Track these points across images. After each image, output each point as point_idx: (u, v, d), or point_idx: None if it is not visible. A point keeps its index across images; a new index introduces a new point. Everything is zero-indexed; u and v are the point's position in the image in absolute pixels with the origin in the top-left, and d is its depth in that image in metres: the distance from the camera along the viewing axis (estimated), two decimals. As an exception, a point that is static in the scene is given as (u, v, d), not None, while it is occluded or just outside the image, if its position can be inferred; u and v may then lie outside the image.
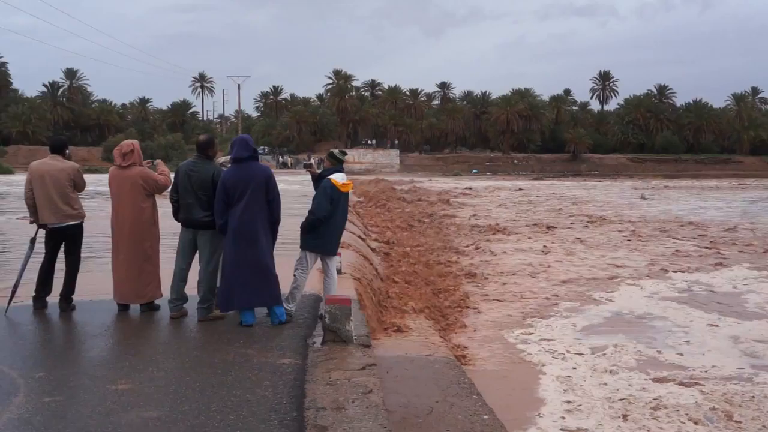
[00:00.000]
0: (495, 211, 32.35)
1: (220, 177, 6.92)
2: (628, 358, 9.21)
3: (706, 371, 8.53)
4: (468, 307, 12.30)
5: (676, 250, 19.28)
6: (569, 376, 8.31)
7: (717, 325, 10.80)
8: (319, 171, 7.48)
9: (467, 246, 20.34)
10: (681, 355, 9.25)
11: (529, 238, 22.33)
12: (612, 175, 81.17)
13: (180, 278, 7.12)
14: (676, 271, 15.88)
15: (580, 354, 9.38)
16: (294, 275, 7.10)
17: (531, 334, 10.51)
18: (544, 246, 20.27)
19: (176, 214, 7.15)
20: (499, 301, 12.94)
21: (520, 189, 50.88)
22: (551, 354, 9.34)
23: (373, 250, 16.04)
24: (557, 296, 13.37)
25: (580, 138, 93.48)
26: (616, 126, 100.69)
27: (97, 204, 21.57)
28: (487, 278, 15.23)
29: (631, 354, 9.36)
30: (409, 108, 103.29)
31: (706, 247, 19.87)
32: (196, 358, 5.80)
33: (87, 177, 8.30)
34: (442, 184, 56.46)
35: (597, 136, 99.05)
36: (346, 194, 7.30)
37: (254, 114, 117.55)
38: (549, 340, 10.15)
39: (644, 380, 8.20)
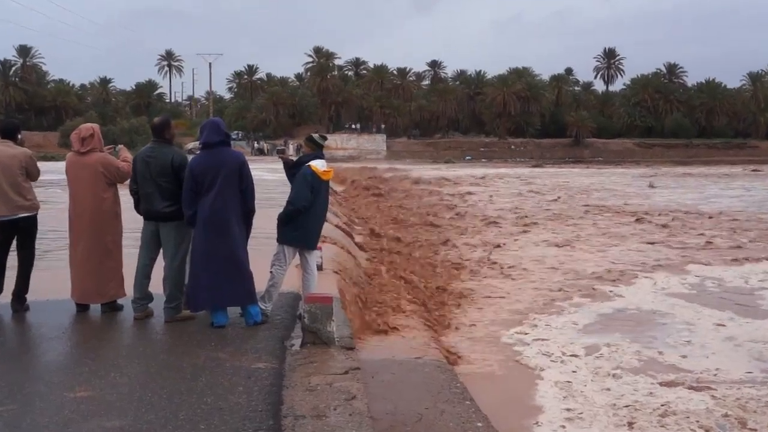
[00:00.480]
0: (497, 201, 32.43)
1: (181, 162, 6.90)
2: (633, 360, 9.28)
3: (714, 374, 8.61)
4: (462, 305, 12.34)
5: (688, 242, 19.44)
6: (569, 381, 8.36)
7: (724, 325, 10.91)
8: (295, 157, 7.48)
9: (462, 238, 20.39)
10: (685, 357, 9.33)
11: (526, 230, 22.42)
12: (617, 162, 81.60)
13: (143, 275, 7.09)
14: (688, 266, 16.04)
15: (580, 356, 9.44)
16: (270, 272, 7.10)
17: (529, 333, 10.56)
18: (546, 240, 20.37)
19: (138, 206, 7.12)
20: (497, 297, 12.99)
21: (520, 177, 51.03)
22: (550, 356, 9.39)
23: (357, 244, 16.04)
24: (560, 291, 13.48)
25: (583, 121, 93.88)
26: (622, 108, 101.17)
27: (53, 194, 21.43)
28: (485, 274, 15.31)
29: (635, 355, 9.44)
30: (397, 89, 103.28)
31: (721, 240, 20.05)
32: (162, 363, 5.79)
33: (42, 165, 8.25)
34: (434, 172, 56.52)
35: (601, 119, 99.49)
36: (327, 183, 7.30)
37: (227, 95, 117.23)
38: (548, 340, 10.20)
39: (651, 384, 8.26)
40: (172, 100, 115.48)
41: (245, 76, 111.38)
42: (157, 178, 6.91)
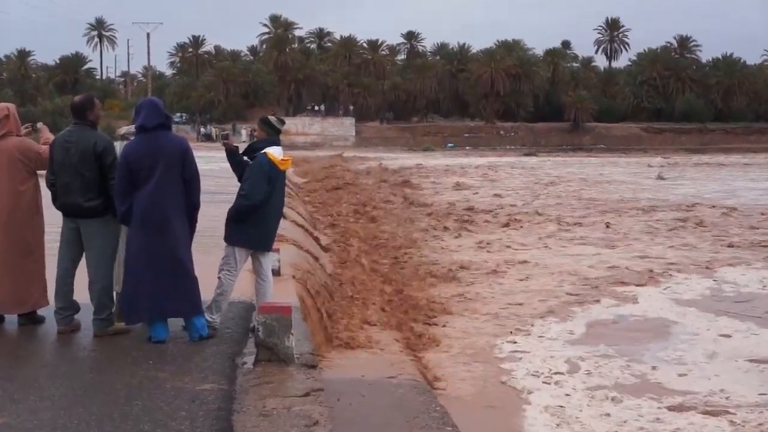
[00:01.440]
0: (488, 194, 32.58)
1: (105, 147, 6.84)
2: (634, 378, 9.40)
3: (726, 397, 8.72)
4: (444, 314, 12.41)
5: (701, 242, 19.70)
6: (562, 406, 8.44)
7: (730, 335, 11.12)
8: (243, 142, 7.46)
9: (441, 235, 20.47)
10: (685, 375, 9.46)
11: (519, 227, 22.57)
12: (622, 149, 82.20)
13: (65, 281, 7.02)
14: (710, 268, 16.38)
15: (574, 374, 9.53)
16: (218, 278, 7.07)
17: (519, 347, 10.65)
18: (545, 237, 20.52)
19: (55, 201, 7.05)
20: (485, 305, 13.07)
21: (513, 167, 51.28)
22: (540, 376, 9.47)
23: (321, 245, 16.05)
24: (557, 299, 13.62)
25: (583, 102, 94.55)
26: (627, 87, 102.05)
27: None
28: (472, 278, 15.43)
29: (637, 373, 9.57)
30: (368, 65, 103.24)
31: (744, 238, 20.37)
32: (91, 384, 5.74)
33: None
34: (412, 161, 56.63)
35: (603, 100, 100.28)
36: (284, 174, 7.28)
37: (168, 72, 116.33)
38: (539, 355, 10.29)
39: (657, 409, 8.37)
40: (104, 77, 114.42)
41: (190, 49, 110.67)
42: (77, 166, 6.85)
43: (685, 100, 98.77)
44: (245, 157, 7.25)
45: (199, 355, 6.40)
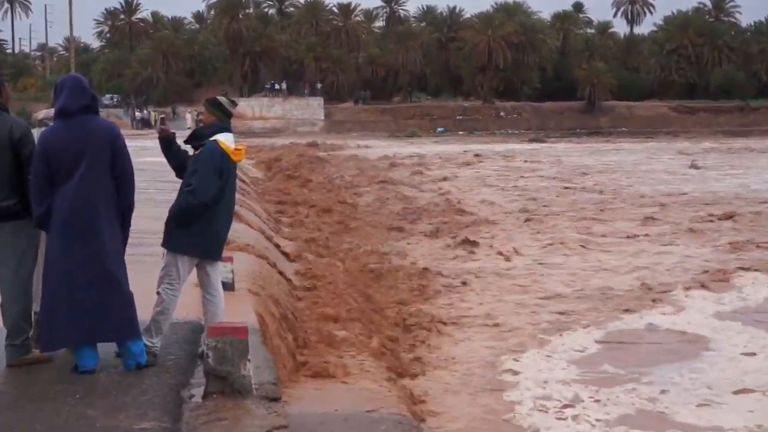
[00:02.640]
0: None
1: (23, 134, 6.80)
2: (656, 411, 9.50)
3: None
4: (434, 334, 12.46)
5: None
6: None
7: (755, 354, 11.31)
8: (189, 129, 7.46)
9: (433, 242, 20.53)
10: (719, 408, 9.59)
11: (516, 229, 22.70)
12: (648, 133, 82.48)
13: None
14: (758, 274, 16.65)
15: (589, 408, 9.60)
16: (157, 293, 7.04)
17: (524, 372, 10.68)
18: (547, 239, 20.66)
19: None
20: (482, 320, 13.14)
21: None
22: (550, 410, 9.51)
23: (285, 252, 16.04)
24: (573, 312, 13.89)
25: (599, 77, 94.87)
26: (653, 58, 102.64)
27: None
28: (467, 290, 15.57)
29: (670, 408, 9.65)
30: (338, 33, 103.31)
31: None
32: (5, 424, 5.72)
33: None
34: (391, 150, 56.67)
35: (624, 73, 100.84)
36: (236, 166, 7.27)
37: (95, 44, 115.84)
38: (548, 382, 10.34)
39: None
40: (17, 50, 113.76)
41: (121, 17, 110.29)
42: (-14, 159, 6.81)
43: (722, 73, 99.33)
44: (189, 147, 7.24)
45: (137, 388, 6.38)
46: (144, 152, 22.45)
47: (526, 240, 21.15)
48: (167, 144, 7.33)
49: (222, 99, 7.39)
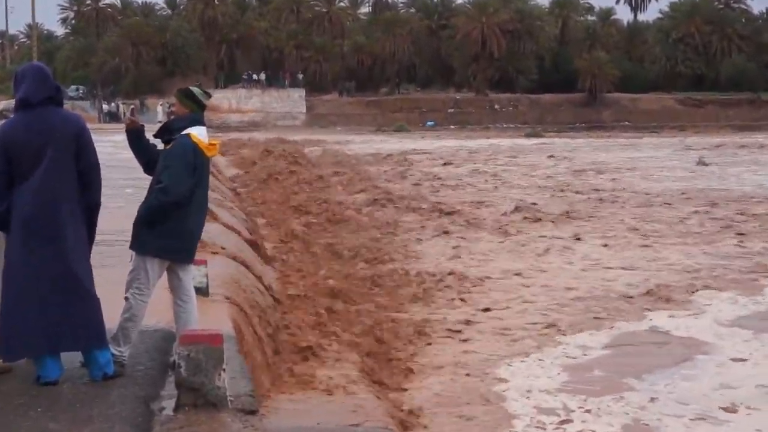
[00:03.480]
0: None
1: None
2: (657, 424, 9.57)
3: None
4: (423, 340, 12.49)
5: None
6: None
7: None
8: (160, 122, 7.45)
9: (423, 243, 20.56)
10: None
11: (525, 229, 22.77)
12: (653, 128, 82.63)
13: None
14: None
15: (589, 419, 9.63)
16: (125, 298, 7.04)
17: (509, 381, 10.72)
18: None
19: None
20: (476, 326, 13.19)
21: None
22: (549, 427, 9.53)
23: (263, 256, 16.03)
24: (580, 312, 14.25)
25: (601, 67, 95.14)
26: (658, 47, 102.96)
27: None
28: (466, 292, 15.79)
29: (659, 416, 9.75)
30: (321, 20, 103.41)
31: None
32: (-39, 440, 5.71)
33: None
34: (376, 146, 56.71)
35: (627, 64, 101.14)
36: (209, 162, 7.27)
37: (60, 31, 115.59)
38: (551, 393, 10.38)
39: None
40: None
41: (87, 2, 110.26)
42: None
43: (732, 64, 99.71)
44: (159, 141, 7.23)
45: (104, 400, 6.37)
46: (114, 147, 22.37)
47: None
48: (135, 137, 7.31)
49: (195, 90, 7.38)
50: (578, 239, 21.44)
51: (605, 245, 20.59)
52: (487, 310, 14.69)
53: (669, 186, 33.34)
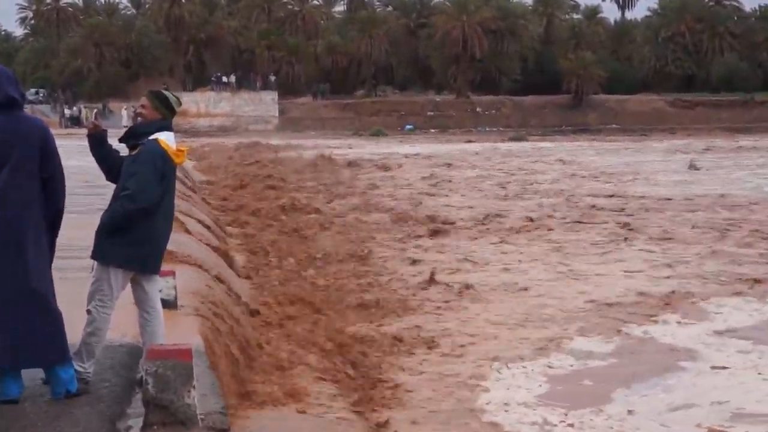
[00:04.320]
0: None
1: None
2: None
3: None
4: (405, 353, 12.52)
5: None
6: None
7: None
8: (125, 127, 7.45)
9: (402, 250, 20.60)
10: None
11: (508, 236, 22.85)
12: (640, 130, 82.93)
13: None
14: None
15: (565, 426, 9.71)
16: (87, 311, 7.01)
17: (509, 401, 10.74)
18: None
19: None
20: (463, 338, 13.23)
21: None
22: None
23: (235, 267, 16.02)
24: (574, 322, 14.26)
25: (587, 67, 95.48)
26: (647, 47, 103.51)
27: None
28: (446, 304, 15.90)
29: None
30: (294, 19, 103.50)
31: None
32: None
33: None
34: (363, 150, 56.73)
35: (615, 64, 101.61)
36: (175, 169, 7.27)
37: (17, 32, 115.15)
38: (537, 408, 10.42)
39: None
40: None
41: (47, 1, 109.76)
42: None
43: (723, 63, 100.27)
44: (123, 145, 7.21)
45: (67, 419, 6.34)
46: (75, 152, 22.29)
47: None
48: (98, 143, 7.28)
49: (169, 95, 7.37)
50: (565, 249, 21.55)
51: (606, 252, 20.83)
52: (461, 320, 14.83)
53: (662, 191, 33.53)
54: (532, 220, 25.99)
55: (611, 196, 32.37)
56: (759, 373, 11.89)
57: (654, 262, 19.63)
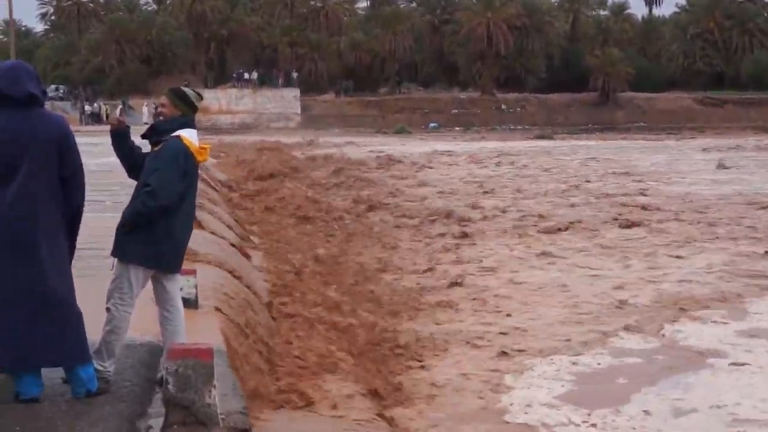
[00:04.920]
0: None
1: None
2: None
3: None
4: (431, 354, 12.50)
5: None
6: None
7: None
8: (146, 124, 7.45)
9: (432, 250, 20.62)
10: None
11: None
12: (669, 129, 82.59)
13: None
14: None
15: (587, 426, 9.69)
16: (108, 309, 7.01)
17: (535, 402, 10.71)
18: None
19: None
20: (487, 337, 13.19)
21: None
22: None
23: (257, 266, 16.02)
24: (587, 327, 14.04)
25: (614, 65, 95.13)
26: (675, 44, 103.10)
27: None
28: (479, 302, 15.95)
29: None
30: (317, 16, 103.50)
31: None
32: (-66, 462, 5.70)
33: None
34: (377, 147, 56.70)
35: (642, 61, 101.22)
36: (198, 167, 7.28)
37: (39, 27, 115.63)
38: (556, 406, 10.40)
39: None
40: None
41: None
42: None
43: (753, 60, 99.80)
44: (147, 142, 7.22)
45: (86, 418, 6.35)
46: (95, 150, 22.39)
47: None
48: (121, 139, 7.30)
49: (188, 90, 7.38)
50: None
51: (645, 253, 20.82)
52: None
53: (696, 190, 33.39)
54: (580, 221, 25.93)
55: (644, 193, 32.33)
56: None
57: (698, 261, 19.59)
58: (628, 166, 44.33)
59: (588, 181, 37.30)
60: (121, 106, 8.34)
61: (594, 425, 9.98)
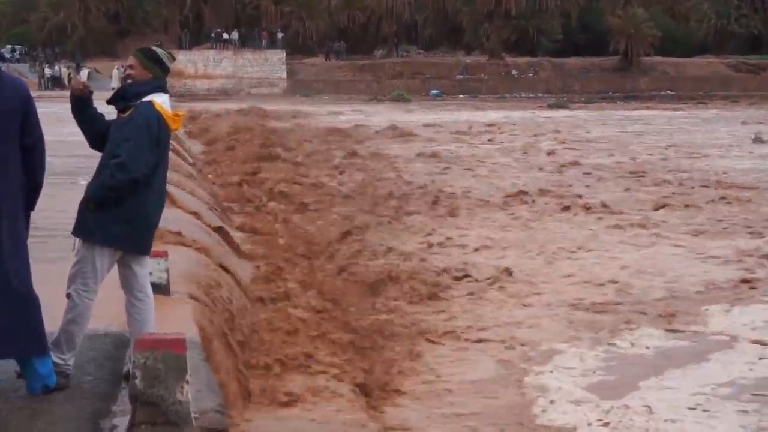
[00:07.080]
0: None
1: None
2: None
3: None
4: (426, 347, 12.52)
5: None
6: None
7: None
8: (113, 89, 7.44)
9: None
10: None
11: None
12: (699, 97, 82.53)
13: None
14: None
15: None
16: (68, 295, 7.01)
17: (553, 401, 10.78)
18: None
19: None
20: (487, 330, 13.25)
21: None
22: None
23: (236, 249, 16.04)
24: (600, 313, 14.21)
25: (638, 26, 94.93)
26: (707, 3, 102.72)
27: None
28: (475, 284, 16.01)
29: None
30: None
31: None
32: None
33: None
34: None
35: (669, 23, 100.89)
36: (170, 136, 7.27)
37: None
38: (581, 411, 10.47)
39: None
40: None
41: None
42: None
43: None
44: (114, 107, 7.21)
45: (44, 417, 6.38)
46: (57, 118, 22.31)
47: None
48: (82, 105, 7.25)
49: (159, 51, 7.36)
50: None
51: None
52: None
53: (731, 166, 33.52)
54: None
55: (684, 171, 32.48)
56: None
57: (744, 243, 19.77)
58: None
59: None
60: (89, 70, 8.29)
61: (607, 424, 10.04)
